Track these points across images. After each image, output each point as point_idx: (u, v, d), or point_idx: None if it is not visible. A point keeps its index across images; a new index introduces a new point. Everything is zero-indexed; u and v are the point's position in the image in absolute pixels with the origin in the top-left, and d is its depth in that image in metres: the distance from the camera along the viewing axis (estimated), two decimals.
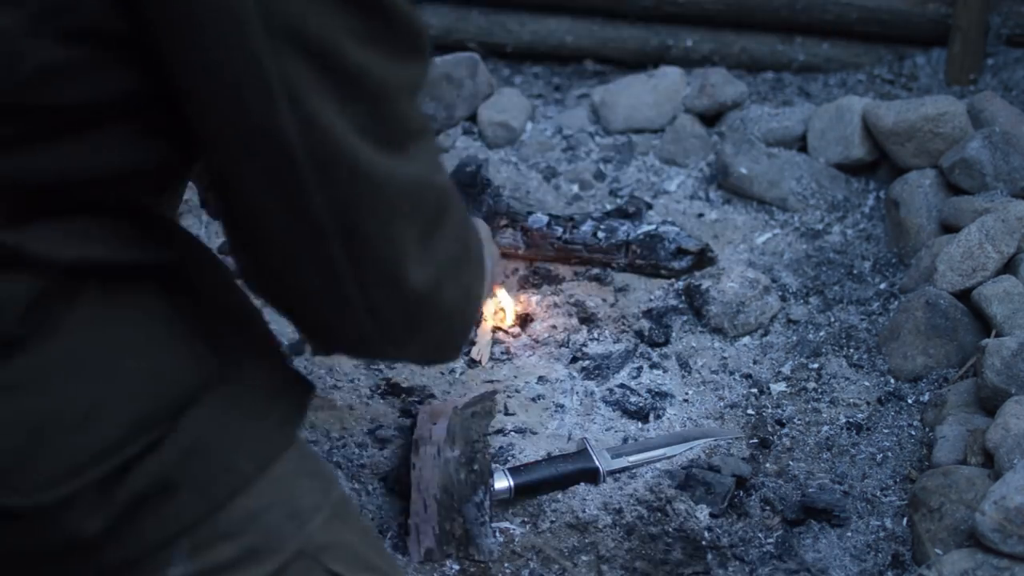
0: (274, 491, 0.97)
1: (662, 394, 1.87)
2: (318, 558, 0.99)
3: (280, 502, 0.98)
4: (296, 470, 1.00)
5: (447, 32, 3.10)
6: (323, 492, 1.02)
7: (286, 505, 0.98)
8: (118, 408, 0.90)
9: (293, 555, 0.98)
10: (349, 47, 0.86)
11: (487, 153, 2.59)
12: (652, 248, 2.16)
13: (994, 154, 2.08)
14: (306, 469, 1.02)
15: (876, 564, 1.55)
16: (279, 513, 0.97)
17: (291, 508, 0.98)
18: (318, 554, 0.99)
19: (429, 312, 0.98)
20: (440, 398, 1.86)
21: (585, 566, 1.54)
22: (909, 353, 1.89)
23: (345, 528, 1.03)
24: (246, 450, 0.96)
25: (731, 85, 2.61)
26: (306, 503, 0.99)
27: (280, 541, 0.97)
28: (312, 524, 0.99)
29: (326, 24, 0.85)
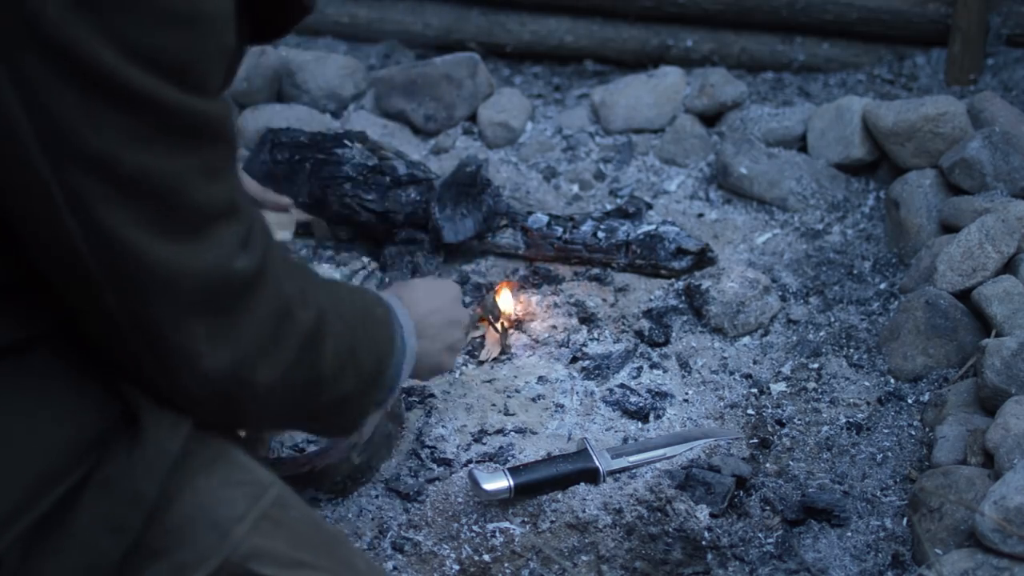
0: (196, 505, 1.00)
1: (662, 394, 1.87)
2: (246, 565, 1.02)
3: (202, 515, 1.00)
4: (220, 482, 1.03)
5: (447, 32, 3.10)
6: (250, 499, 1.04)
7: (208, 517, 1.01)
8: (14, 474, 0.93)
9: (219, 565, 1.00)
10: (125, 152, 0.88)
11: (487, 153, 2.59)
12: (652, 248, 2.16)
13: (994, 154, 2.08)
14: (232, 479, 1.04)
15: (876, 564, 1.55)
16: (202, 527, 1.00)
17: (213, 520, 1.01)
18: (245, 561, 1.02)
19: (240, 388, 1.01)
20: (440, 398, 1.86)
21: (585, 566, 1.54)
22: (909, 353, 1.89)
23: (278, 530, 1.05)
24: (144, 472, 0.98)
25: (731, 85, 2.61)
26: (229, 513, 1.02)
27: (204, 554, 1.00)
28: (236, 533, 1.02)
29: (100, 133, 0.87)
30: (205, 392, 0.99)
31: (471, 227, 2.18)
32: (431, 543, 1.58)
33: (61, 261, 0.92)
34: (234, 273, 0.97)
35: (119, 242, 0.90)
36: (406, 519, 1.62)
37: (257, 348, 1.01)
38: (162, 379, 0.98)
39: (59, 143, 0.87)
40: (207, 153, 0.94)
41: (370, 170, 2.23)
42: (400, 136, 2.63)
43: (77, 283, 0.93)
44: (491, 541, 1.57)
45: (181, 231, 0.93)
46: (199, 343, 0.96)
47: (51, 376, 0.98)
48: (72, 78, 0.85)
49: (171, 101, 0.89)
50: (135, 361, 0.97)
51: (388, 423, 1.72)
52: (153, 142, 0.89)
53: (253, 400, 1.03)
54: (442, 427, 1.80)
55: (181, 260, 0.93)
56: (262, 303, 1.00)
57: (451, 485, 1.66)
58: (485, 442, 1.77)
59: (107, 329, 0.95)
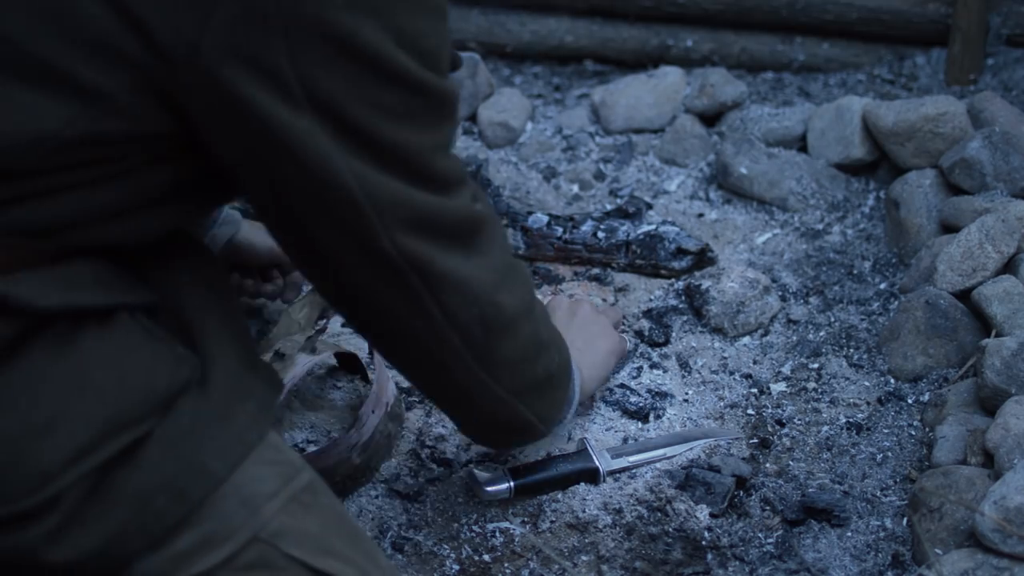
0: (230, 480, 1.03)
1: (662, 394, 1.87)
2: (274, 543, 1.04)
3: (234, 490, 1.03)
4: (254, 459, 1.05)
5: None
6: (282, 479, 1.06)
7: (240, 493, 1.03)
8: (85, 415, 0.97)
9: (247, 540, 1.02)
10: (383, 126, 0.99)
11: (487, 153, 2.59)
12: (652, 248, 2.16)
13: (994, 154, 2.08)
14: (265, 458, 1.06)
15: (876, 564, 1.55)
16: (233, 501, 1.02)
17: (244, 495, 1.03)
18: (274, 539, 1.04)
19: (497, 313, 1.18)
20: None
21: (585, 566, 1.54)
22: (909, 353, 1.89)
23: (307, 514, 1.07)
24: (217, 451, 1.02)
25: (731, 85, 2.61)
26: (260, 490, 1.04)
27: (233, 528, 1.02)
28: (266, 511, 1.04)
29: (362, 106, 0.97)
30: (471, 317, 1.15)
31: None
32: (431, 543, 1.58)
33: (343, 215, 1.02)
34: (476, 213, 1.14)
35: (387, 188, 1.02)
36: (406, 519, 1.62)
37: (503, 274, 1.19)
38: (436, 312, 1.12)
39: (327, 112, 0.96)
40: (447, 129, 1.08)
41: None
42: None
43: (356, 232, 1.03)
44: (491, 541, 1.57)
45: (435, 187, 1.07)
46: (464, 268, 1.13)
47: (128, 335, 1.02)
48: (345, 55, 0.94)
49: (428, 82, 1.00)
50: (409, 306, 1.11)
51: (388, 423, 1.72)
52: (411, 118, 1.01)
53: (502, 332, 1.20)
54: (442, 427, 1.80)
55: (437, 203, 1.07)
56: (498, 243, 1.19)
57: (451, 485, 1.66)
58: None
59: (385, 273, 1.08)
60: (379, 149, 0.99)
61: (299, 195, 1.01)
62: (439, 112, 1.04)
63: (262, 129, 0.95)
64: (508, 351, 1.23)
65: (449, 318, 1.13)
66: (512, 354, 1.25)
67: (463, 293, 1.13)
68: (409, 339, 1.17)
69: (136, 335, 1.03)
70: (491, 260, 1.16)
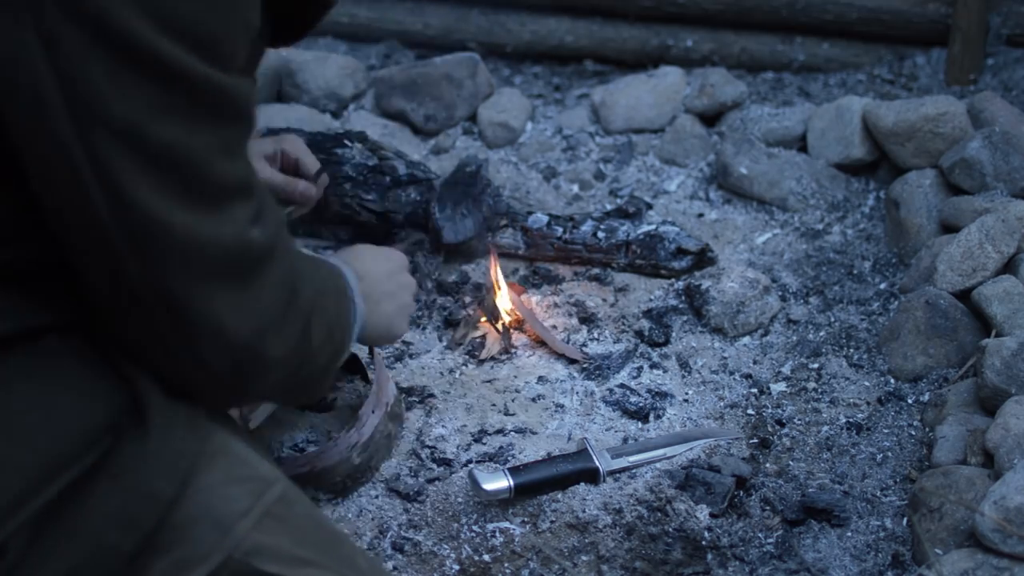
0: (199, 502, 1.01)
1: (662, 394, 1.87)
2: (249, 561, 1.02)
3: (205, 512, 1.01)
4: (223, 478, 1.03)
5: (447, 32, 3.10)
6: (253, 495, 1.05)
7: (211, 514, 1.01)
8: (18, 464, 0.93)
9: (221, 561, 1.01)
10: (153, 124, 0.90)
11: (487, 153, 2.59)
12: (652, 248, 2.16)
13: (994, 154, 2.08)
14: (234, 475, 1.05)
15: (876, 564, 1.55)
16: (204, 523, 1.01)
17: (216, 517, 1.01)
18: (248, 557, 1.02)
19: (256, 360, 1.03)
20: (440, 398, 1.86)
21: (585, 566, 1.54)
22: (909, 353, 1.89)
23: (282, 527, 1.06)
24: (161, 471, 0.99)
25: (731, 85, 2.61)
26: (231, 509, 1.02)
27: (206, 550, 1.01)
28: (238, 530, 1.02)
29: (128, 101, 0.88)
30: (223, 364, 1.01)
31: (471, 227, 2.18)
32: (431, 543, 1.58)
33: (85, 232, 0.93)
34: (251, 243, 0.99)
35: (142, 209, 0.91)
36: (406, 519, 1.62)
37: (271, 320, 1.04)
38: (183, 351, 0.99)
39: (87, 111, 0.87)
40: (228, 130, 0.96)
41: (370, 170, 2.23)
42: (400, 136, 2.63)
43: (100, 254, 0.94)
44: (491, 541, 1.57)
45: (200, 203, 0.94)
46: (222, 312, 0.99)
47: (61, 364, 0.98)
48: (104, 47, 0.86)
49: (199, 74, 0.90)
50: (154, 338, 0.99)
51: (388, 423, 1.72)
52: (179, 115, 0.91)
53: (262, 373, 1.06)
54: (442, 427, 1.80)
55: (201, 229, 0.94)
56: (275, 276, 1.04)
57: (451, 485, 1.66)
58: (485, 442, 1.77)
59: (128, 304, 0.96)
60: (145, 149, 0.90)
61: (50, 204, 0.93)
62: (217, 109, 0.94)
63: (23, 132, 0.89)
64: (266, 383, 1.09)
65: (199, 365, 1.01)
66: (271, 382, 1.10)
67: (218, 341, 0.99)
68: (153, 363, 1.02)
69: (66, 363, 0.98)
70: (260, 301, 1.02)
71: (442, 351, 2.00)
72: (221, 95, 0.93)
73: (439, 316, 2.08)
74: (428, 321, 2.07)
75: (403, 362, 1.96)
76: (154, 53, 0.88)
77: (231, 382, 1.04)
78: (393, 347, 1.98)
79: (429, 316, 2.08)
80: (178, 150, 0.91)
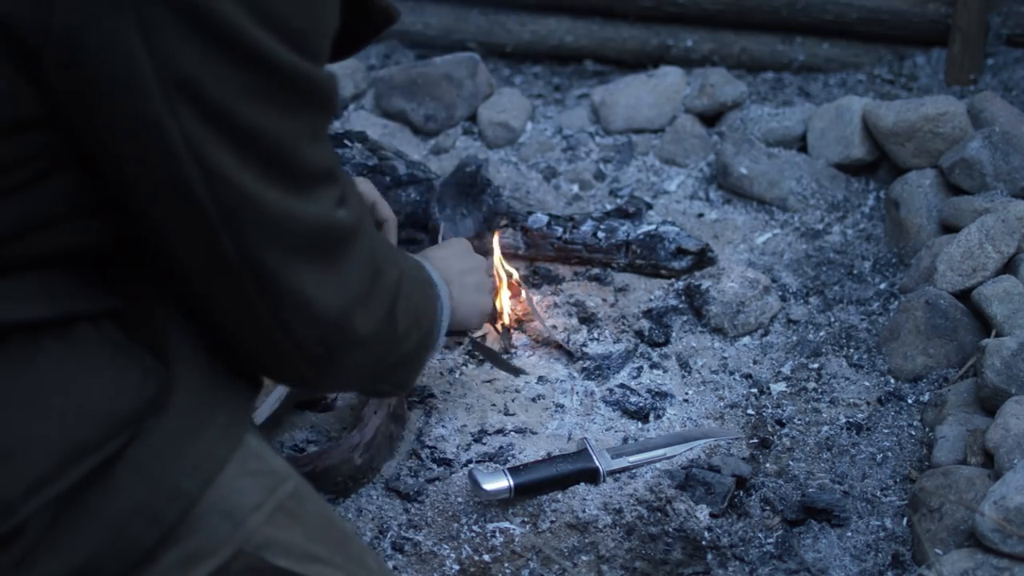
0: (212, 494, 1.01)
1: (662, 394, 1.87)
2: (260, 555, 1.03)
3: (217, 504, 1.01)
4: (236, 471, 1.03)
5: (447, 32, 3.10)
6: (266, 490, 1.05)
7: (223, 506, 1.01)
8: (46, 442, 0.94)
9: (233, 554, 1.01)
10: (244, 107, 0.93)
11: (487, 153, 2.59)
12: (652, 248, 2.16)
13: (994, 154, 2.08)
14: (248, 469, 1.05)
15: (876, 564, 1.55)
16: (217, 515, 1.01)
17: (228, 509, 1.01)
18: (259, 551, 1.03)
19: (343, 336, 1.07)
20: (440, 398, 1.86)
21: (585, 566, 1.54)
22: (909, 353, 1.89)
23: (293, 523, 1.06)
24: (189, 469, 1.00)
25: (731, 85, 2.61)
26: (243, 503, 1.03)
27: (218, 542, 1.01)
28: (250, 523, 1.02)
29: (221, 86, 0.92)
30: (311, 338, 1.05)
31: (471, 227, 2.18)
32: (431, 543, 1.58)
33: (181, 207, 0.95)
34: (337, 223, 1.04)
35: (235, 185, 0.94)
36: (406, 519, 1.62)
37: (357, 297, 1.07)
38: (272, 324, 1.02)
39: (181, 91, 0.90)
40: (315, 118, 1.00)
41: (370, 170, 2.23)
42: (400, 136, 2.63)
43: (195, 229, 0.97)
44: (491, 541, 1.57)
45: (290, 184, 0.98)
46: (309, 286, 1.02)
47: (92, 351, 0.99)
48: (200, 33, 0.89)
49: (290, 64, 0.94)
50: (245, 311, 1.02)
51: (391, 423, 1.72)
52: (270, 101, 0.94)
53: (348, 351, 1.09)
54: (442, 427, 1.80)
55: (291, 206, 0.98)
56: (360, 255, 1.08)
57: (451, 485, 1.66)
58: (485, 442, 1.77)
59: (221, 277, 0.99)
60: (236, 132, 0.93)
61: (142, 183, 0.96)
62: (306, 97, 0.98)
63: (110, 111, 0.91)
64: (352, 363, 1.12)
65: (287, 335, 1.04)
66: (358, 363, 1.14)
67: (305, 313, 1.03)
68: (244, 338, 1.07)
69: (99, 349, 0.99)
70: (346, 278, 1.06)
71: (442, 351, 2.00)
72: (310, 84, 0.97)
73: None
74: None
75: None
76: (250, 42, 0.91)
77: (319, 357, 1.07)
78: None
79: None
80: (269, 134, 0.95)
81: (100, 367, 0.99)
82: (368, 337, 1.10)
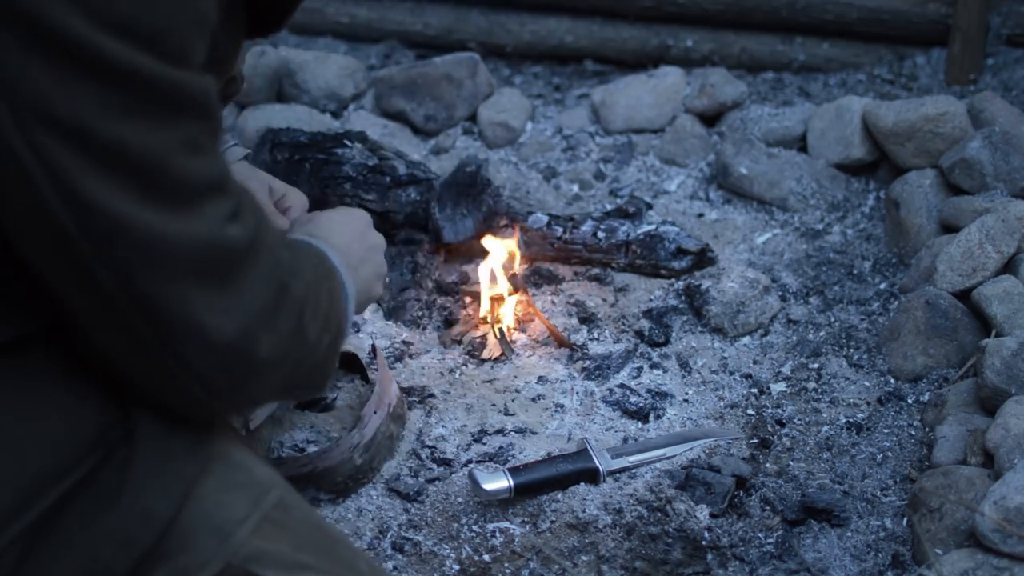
0: (197, 510, 1.00)
1: (662, 394, 1.87)
2: (248, 568, 1.01)
3: (203, 520, 1.00)
4: (220, 485, 1.02)
5: (447, 32, 3.10)
6: (251, 501, 1.04)
7: (209, 522, 1.00)
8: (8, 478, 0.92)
9: (220, 569, 1.00)
10: (102, 123, 0.85)
11: (487, 153, 2.59)
12: (652, 248, 2.16)
13: (994, 154, 2.08)
14: (232, 481, 1.04)
15: (876, 564, 1.55)
16: (203, 531, 0.99)
17: (214, 524, 1.00)
18: (247, 564, 1.01)
19: (246, 362, 0.98)
20: (440, 398, 1.86)
21: (585, 566, 1.54)
22: (909, 353, 1.89)
23: (281, 532, 1.05)
24: (158, 492, 0.97)
25: (731, 85, 2.61)
26: (230, 516, 1.01)
27: (205, 558, 0.99)
28: (237, 536, 1.01)
29: (74, 104, 0.84)
30: (211, 368, 0.96)
31: (471, 227, 2.18)
32: (431, 543, 1.58)
33: (50, 242, 0.88)
34: (226, 241, 0.94)
35: (104, 214, 0.86)
36: (406, 519, 1.62)
37: (258, 318, 0.98)
38: (168, 359, 0.94)
39: (33, 115, 0.83)
40: (188, 127, 0.90)
41: (370, 170, 2.23)
42: (400, 136, 2.63)
43: (69, 264, 0.89)
44: (491, 541, 1.57)
45: (166, 202, 0.89)
46: (201, 313, 0.93)
47: (48, 376, 0.96)
48: (42, 48, 0.82)
49: (145, 70, 0.85)
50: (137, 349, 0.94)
51: (391, 424, 1.72)
52: (130, 113, 0.86)
53: (255, 375, 1.00)
54: (442, 427, 1.80)
55: (171, 228, 0.89)
56: (259, 274, 0.98)
57: (451, 485, 1.66)
58: (485, 442, 1.77)
59: (105, 314, 0.92)
60: (100, 151, 0.85)
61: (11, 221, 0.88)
62: (173, 106, 0.88)
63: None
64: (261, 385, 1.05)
65: (184, 368, 0.95)
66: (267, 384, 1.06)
67: (200, 342, 0.94)
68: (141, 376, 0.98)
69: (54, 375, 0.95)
70: (245, 298, 0.96)
71: (442, 351, 2.00)
72: (174, 91, 0.88)
73: (439, 316, 2.08)
74: (428, 321, 2.07)
75: (403, 362, 1.96)
76: (95, 51, 0.83)
77: (224, 388, 0.99)
78: (393, 347, 1.98)
79: (429, 316, 2.08)
80: (133, 149, 0.86)
81: (58, 394, 0.95)
82: (275, 358, 1.01)
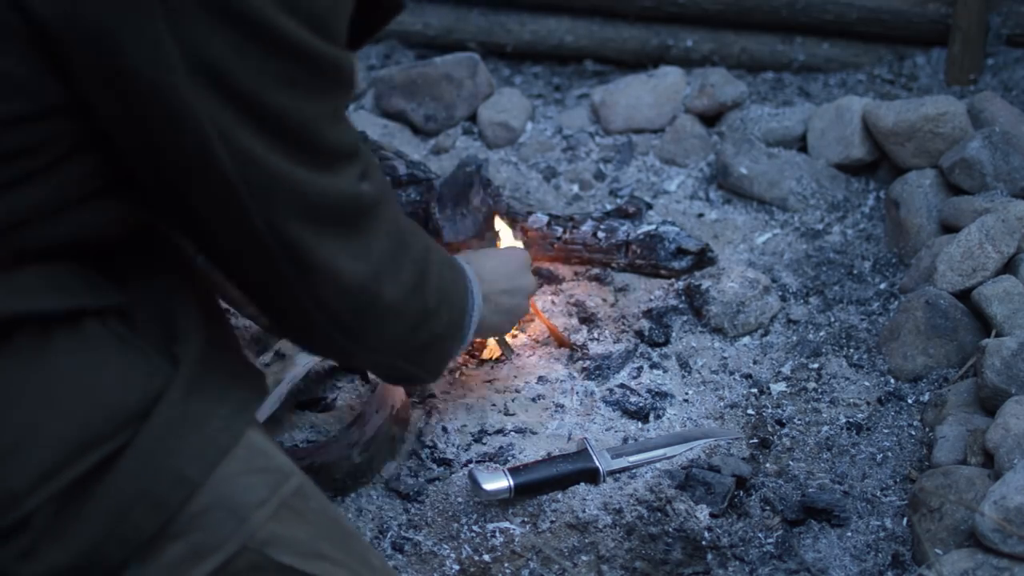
0: (217, 490, 1.02)
1: (662, 394, 1.87)
2: (264, 552, 1.03)
3: (222, 500, 1.02)
4: (241, 468, 1.04)
5: (447, 32, 3.10)
6: (271, 486, 1.06)
7: (228, 503, 1.02)
8: (54, 436, 0.95)
9: (237, 550, 1.02)
10: (271, 93, 0.97)
11: (487, 153, 2.59)
12: (652, 248, 2.16)
13: (994, 154, 2.08)
14: (253, 465, 1.05)
15: (876, 564, 1.55)
16: (221, 511, 1.02)
17: (233, 505, 1.02)
18: (264, 548, 1.03)
19: (371, 303, 1.14)
20: (440, 398, 1.86)
21: (585, 566, 1.54)
22: (909, 353, 1.89)
23: (298, 520, 1.07)
24: (191, 457, 1.01)
25: (731, 85, 2.61)
26: (249, 499, 1.03)
27: (222, 538, 1.02)
28: (255, 519, 1.03)
29: (249, 74, 0.96)
30: (341, 306, 1.12)
31: (471, 227, 2.18)
32: (431, 543, 1.58)
33: (214, 189, 0.99)
34: (361, 196, 1.09)
35: (263, 165, 0.99)
36: (406, 519, 1.62)
37: (383, 266, 1.14)
38: (305, 294, 1.08)
39: (209, 80, 0.93)
40: (337, 98, 1.05)
41: None
42: (400, 136, 2.63)
43: (228, 208, 1.00)
44: (491, 541, 1.57)
45: (316, 162, 1.03)
46: (337, 257, 1.08)
47: (102, 345, 1.01)
48: (226, 23, 0.92)
49: (314, 48, 0.98)
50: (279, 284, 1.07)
51: (393, 425, 1.72)
52: (297, 85, 0.98)
53: (379, 319, 1.17)
54: (442, 427, 1.80)
55: (318, 184, 1.03)
56: (384, 225, 1.14)
57: (451, 485, 1.66)
58: (485, 442, 1.77)
59: (255, 253, 1.04)
60: (263, 116, 0.97)
61: (173, 167, 0.99)
62: (330, 80, 1.02)
63: (139, 98, 0.94)
64: (384, 331, 1.21)
65: (318, 305, 1.11)
66: (390, 332, 1.22)
67: (335, 284, 1.10)
68: (279, 311, 1.15)
69: (107, 344, 1.00)
70: (373, 248, 1.12)
71: None
72: (333, 66, 1.01)
73: None
74: None
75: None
76: (276, 30, 0.94)
77: (351, 326, 1.14)
78: None
79: None
80: (295, 117, 0.99)
81: (108, 362, 1.00)
82: (397, 303, 1.17)
